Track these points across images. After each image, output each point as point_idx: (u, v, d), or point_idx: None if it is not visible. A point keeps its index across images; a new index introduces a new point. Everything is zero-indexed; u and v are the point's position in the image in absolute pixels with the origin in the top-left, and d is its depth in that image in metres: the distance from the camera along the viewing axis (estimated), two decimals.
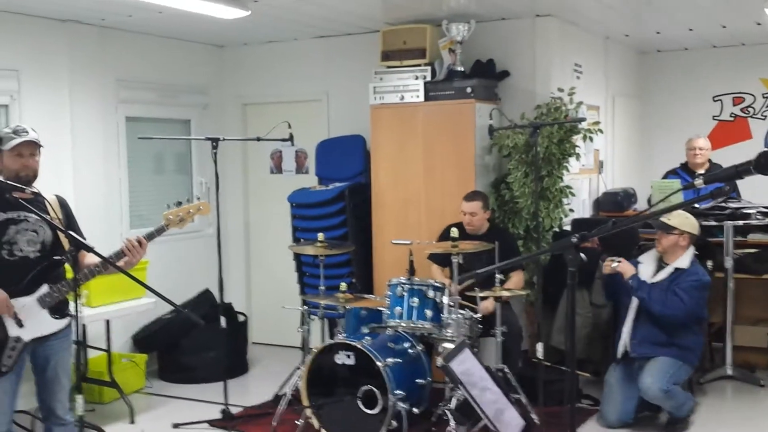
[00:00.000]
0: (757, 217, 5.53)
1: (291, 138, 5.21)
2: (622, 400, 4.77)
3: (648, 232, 5.66)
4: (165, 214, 3.56)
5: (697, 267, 4.80)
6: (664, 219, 4.75)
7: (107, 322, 5.26)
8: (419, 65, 5.64)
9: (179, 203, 3.61)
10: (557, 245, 2.35)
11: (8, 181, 3.31)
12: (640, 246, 5.50)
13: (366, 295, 5.28)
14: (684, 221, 4.80)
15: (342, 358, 4.56)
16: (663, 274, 4.77)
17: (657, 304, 4.67)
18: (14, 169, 3.42)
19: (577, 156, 5.65)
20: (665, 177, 6.55)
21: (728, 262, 5.55)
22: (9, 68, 5.23)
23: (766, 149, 2.17)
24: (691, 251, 4.82)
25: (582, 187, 6.38)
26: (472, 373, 2.15)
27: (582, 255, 2.26)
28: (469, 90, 5.47)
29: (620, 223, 2.28)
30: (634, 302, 4.81)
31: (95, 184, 5.78)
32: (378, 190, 5.86)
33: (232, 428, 4.76)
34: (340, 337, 4.74)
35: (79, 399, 3.14)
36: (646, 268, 4.86)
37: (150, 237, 3.52)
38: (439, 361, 2.16)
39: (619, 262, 4.84)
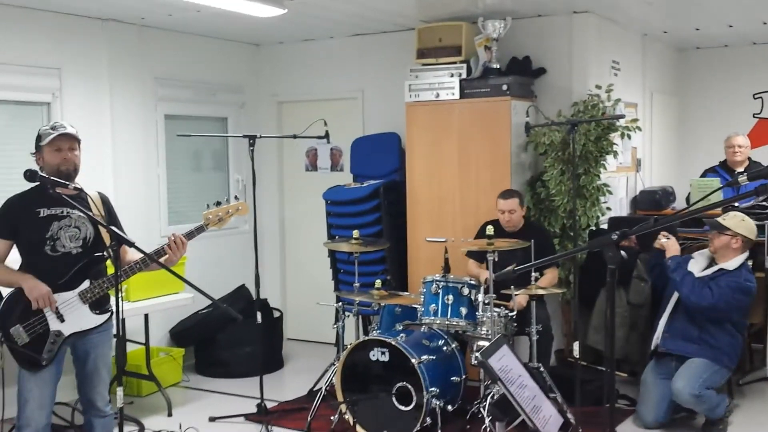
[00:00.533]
0: None
1: (327, 135, 5.23)
2: (658, 399, 4.72)
3: (687, 231, 5.59)
4: (204, 213, 3.61)
5: (743, 272, 4.67)
6: (720, 219, 4.67)
7: (146, 316, 5.33)
8: (455, 63, 5.63)
9: (218, 203, 3.65)
10: (597, 242, 2.32)
11: (52, 178, 3.35)
12: (679, 245, 5.43)
13: (400, 292, 5.29)
14: (739, 223, 4.70)
15: (376, 355, 4.58)
16: (707, 272, 4.72)
17: (686, 288, 4.63)
18: (55, 164, 3.46)
19: (615, 154, 5.59)
20: (704, 175, 6.46)
21: None
22: (51, 66, 5.33)
23: None
24: (743, 256, 4.71)
25: (619, 186, 6.32)
26: (509, 369, 2.15)
27: (622, 252, 2.23)
28: (504, 87, 5.45)
29: (662, 221, 2.26)
30: (674, 296, 4.75)
31: (134, 181, 5.87)
32: (413, 187, 5.86)
33: (268, 422, 4.80)
34: (375, 334, 4.76)
35: (119, 391, 3.19)
36: (696, 265, 4.80)
37: (190, 236, 3.57)
38: (477, 356, 2.16)
39: (668, 238, 4.79)
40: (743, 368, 5.47)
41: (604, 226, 5.72)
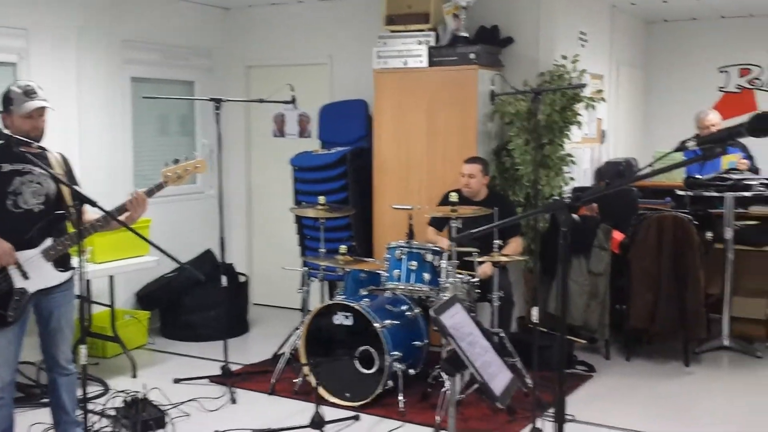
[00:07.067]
0: (759, 189, 5.52)
1: (294, 100, 5.23)
2: None
3: (647, 203, 5.68)
4: (163, 171, 3.61)
5: None
6: None
7: (111, 278, 5.33)
8: (423, 30, 5.64)
9: (177, 161, 3.67)
10: (550, 205, 2.38)
11: (16, 136, 3.37)
12: (639, 215, 5.53)
13: (365, 258, 5.34)
14: None
15: (340, 319, 4.64)
16: None
17: None
18: (24, 130, 3.47)
19: (579, 124, 5.65)
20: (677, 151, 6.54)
21: (728, 234, 5.55)
22: (18, 27, 5.24)
23: (759, 111, 2.20)
24: None
25: (584, 157, 6.40)
26: (461, 326, 2.21)
27: (575, 216, 2.29)
28: (472, 56, 5.47)
29: (614, 185, 2.32)
30: None
31: (100, 143, 5.82)
32: (380, 154, 5.88)
33: (232, 384, 4.85)
34: (339, 298, 4.81)
35: (83, 349, 3.21)
36: None
37: (150, 193, 3.59)
38: (431, 313, 2.22)
39: None
40: (701, 337, 5.59)
41: (568, 196, 5.81)
